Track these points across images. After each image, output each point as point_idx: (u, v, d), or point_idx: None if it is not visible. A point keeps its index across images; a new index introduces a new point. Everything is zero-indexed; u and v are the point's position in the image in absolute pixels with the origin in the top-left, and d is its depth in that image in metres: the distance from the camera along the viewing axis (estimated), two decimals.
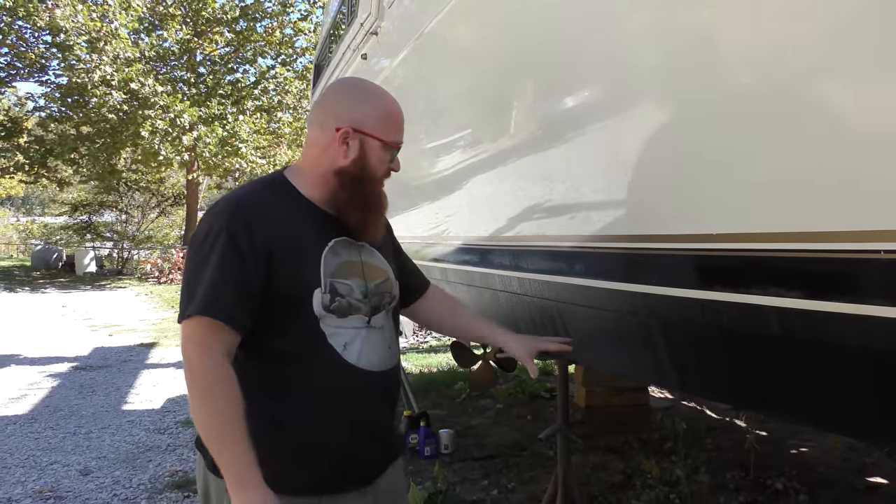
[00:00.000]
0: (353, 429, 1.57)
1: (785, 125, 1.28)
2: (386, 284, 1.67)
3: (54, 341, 9.81)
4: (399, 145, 1.63)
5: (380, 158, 1.60)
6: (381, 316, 1.64)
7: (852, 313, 1.18)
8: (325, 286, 1.53)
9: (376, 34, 3.78)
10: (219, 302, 1.43)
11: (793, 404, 1.48)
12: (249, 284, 1.46)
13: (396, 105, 1.65)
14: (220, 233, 1.46)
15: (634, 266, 1.77)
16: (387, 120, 1.61)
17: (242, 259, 1.45)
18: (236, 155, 17.97)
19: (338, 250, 1.58)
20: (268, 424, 1.50)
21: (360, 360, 1.56)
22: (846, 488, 3.90)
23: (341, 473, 1.56)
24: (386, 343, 1.65)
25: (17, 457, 4.88)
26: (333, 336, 1.53)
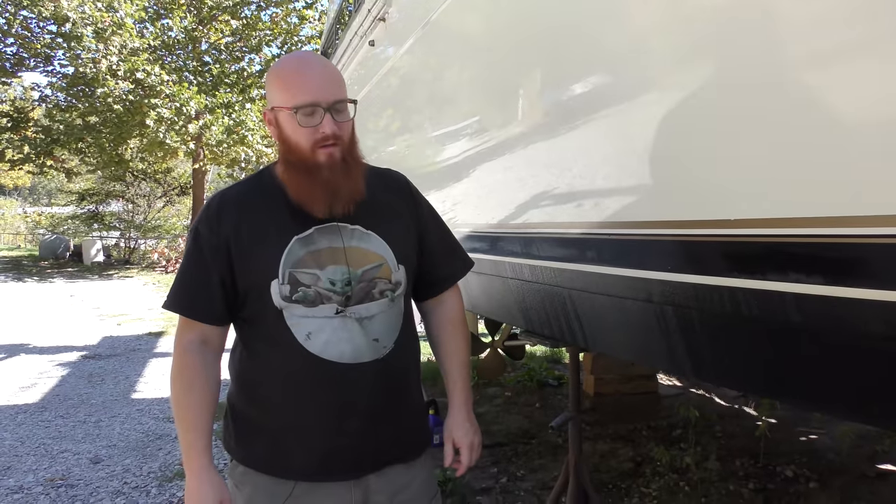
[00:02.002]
0: (324, 419, 1.55)
1: (802, 107, 1.26)
2: (380, 271, 1.57)
3: (63, 330, 9.85)
4: (311, 105, 1.46)
5: (293, 127, 1.48)
6: (373, 305, 1.56)
7: (874, 299, 1.17)
8: (282, 277, 1.51)
9: (384, 20, 3.75)
10: (181, 297, 1.59)
11: (811, 391, 1.47)
12: (209, 278, 1.55)
13: (297, 63, 1.54)
14: (193, 230, 1.59)
15: (649, 252, 1.76)
16: (284, 84, 1.51)
17: (203, 255, 1.55)
18: (242, 143, 17.96)
19: (314, 238, 1.53)
20: (248, 406, 1.62)
21: (326, 351, 1.52)
22: (856, 476, 3.88)
23: (315, 462, 1.56)
24: (369, 335, 1.54)
25: (28, 445, 4.91)
26: (296, 326, 1.52)
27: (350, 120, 1.54)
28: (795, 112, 1.28)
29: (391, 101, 4.23)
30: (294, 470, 1.57)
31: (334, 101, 1.49)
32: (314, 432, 1.56)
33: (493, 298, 3.15)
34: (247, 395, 1.62)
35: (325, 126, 1.47)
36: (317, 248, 1.53)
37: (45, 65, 18.91)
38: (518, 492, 3.86)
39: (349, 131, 1.54)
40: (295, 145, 1.50)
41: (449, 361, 1.80)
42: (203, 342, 1.58)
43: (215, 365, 1.61)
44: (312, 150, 1.49)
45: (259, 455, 1.60)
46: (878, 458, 4.10)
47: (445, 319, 1.80)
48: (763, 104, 1.34)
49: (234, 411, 1.65)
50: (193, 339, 1.58)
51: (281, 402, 1.57)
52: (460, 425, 1.77)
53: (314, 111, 1.47)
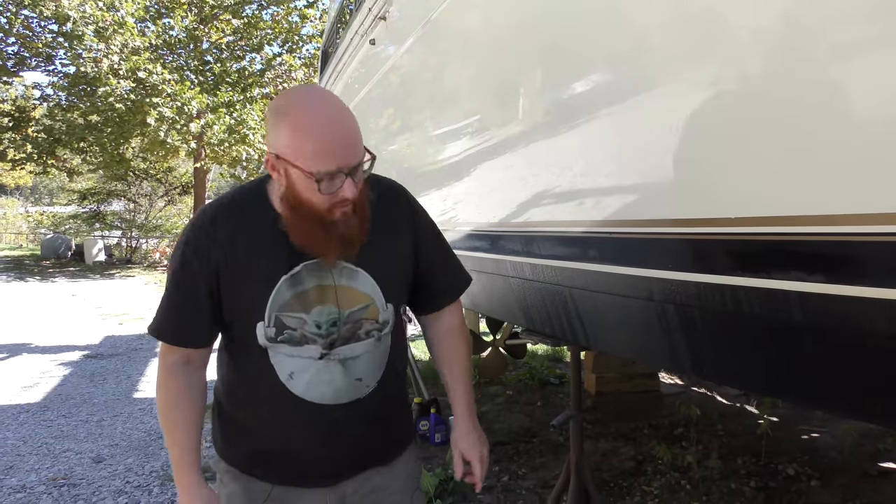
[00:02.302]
0: (301, 444, 1.57)
1: (804, 105, 1.26)
2: (367, 311, 1.53)
3: (65, 330, 9.86)
4: (334, 172, 1.34)
5: (308, 188, 1.35)
6: (359, 346, 1.53)
7: (876, 297, 1.17)
8: (269, 320, 1.47)
9: (385, 19, 3.75)
10: (167, 324, 1.54)
11: (813, 389, 1.47)
12: (196, 306, 1.50)
13: (317, 120, 1.34)
14: (178, 251, 1.51)
15: (650, 251, 1.75)
16: (301, 142, 1.34)
17: (190, 281, 1.49)
18: (244, 142, 17.96)
19: (302, 277, 1.47)
20: (233, 409, 1.63)
21: (308, 393, 1.51)
22: (858, 474, 3.88)
23: (295, 472, 1.60)
24: (352, 375, 1.53)
25: (31, 444, 4.91)
26: (280, 364, 1.51)
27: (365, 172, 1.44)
28: (797, 109, 1.27)
29: (392, 99, 4.23)
30: (273, 475, 1.60)
31: (356, 163, 1.38)
32: (295, 451, 1.59)
33: (494, 297, 3.15)
34: (232, 400, 1.63)
35: (345, 191, 1.37)
36: (304, 289, 1.48)
37: (47, 64, 18.92)
38: (519, 490, 3.87)
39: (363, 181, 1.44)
40: (308, 204, 1.39)
41: (449, 371, 1.76)
42: (187, 362, 1.58)
43: (201, 380, 1.61)
44: (329, 210, 1.39)
45: (241, 456, 1.63)
46: (880, 457, 4.10)
47: (443, 330, 1.76)
48: (765, 102, 1.34)
49: (220, 409, 1.67)
50: (178, 360, 1.57)
51: (264, 422, 1.59)
52: (466, 437, 1.74)
53: (335, 176, 1.35)
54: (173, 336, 1.55)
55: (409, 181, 4.25)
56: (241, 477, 1.62)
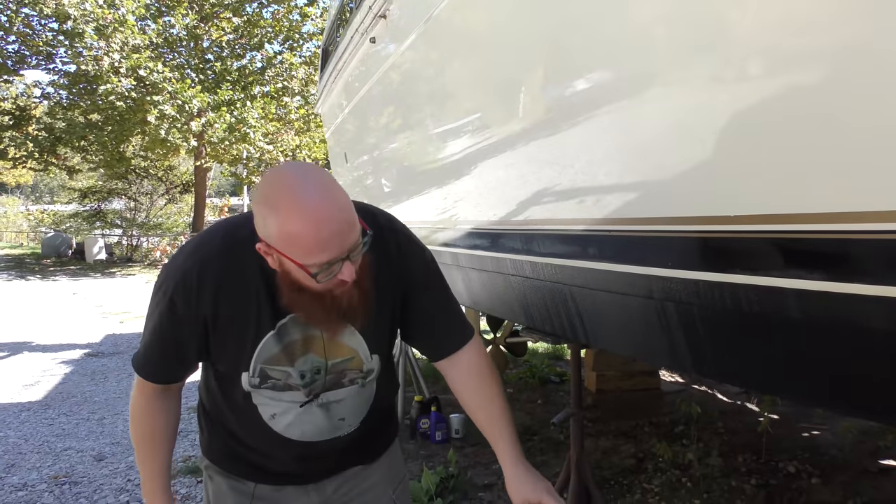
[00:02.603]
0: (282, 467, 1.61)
1: (802, 103, 1.26)
2: (352, 363, 1.51)
3: (66, 328, 9.87)
4: (330, 262, 1.26)
5: (305, 276, 1.28)
6: (342, 391, 1.53)
7: (875, 295, 1.17)
8: (253, 371, 1.46)
9: (385, 17, 3.75)
10: (149, 365, 1.53)
11: (813, 387, 1.47)
12: (181, 350, 1.49)
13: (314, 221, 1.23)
14: (165, 296, 1.42)
15: (650, 249, 1.76)
16: (296, 244, 1.25)
17: (176, 329, 1.44)
18: (244, 141, 17.97)
19: (288, 329, 1.44)
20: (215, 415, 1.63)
21: (289, 432, 1.53)
22: (858, 471, 3.89)
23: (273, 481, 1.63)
24: (335, 416, 1.54)
25: (32, 443, 4.92)
26: (263, 405, 1.52)
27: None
28: (796, 107, 1.28)
29: (392, 98, 4.23)
30: (254, 477, 1.63)
31: (352, 246, 1.29)
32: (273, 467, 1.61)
33: (494, 295, 3.15)
34: (213, 410, 1.64)
35: (344, 274, 1.29)
36: (290, 340, 1.45)
37: (47, 62, 18.93)
38: None
39: None
40: (308, 288, 1.32)
41: (483, 414, 1.60)
42: (166, 389, 1.58)
43: (177, 407, 1.62)
44: (328, 290, 1.32)
45: (222, 459, 1.66)
46: (880, 454, 4.11)
47: (466, 375, 1.61)
48: (763, 100, 1.34)
49: (204, 410, 1.68)
50: (157, 388, 1.56)
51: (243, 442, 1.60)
52: (525, 481, 1.52)
53: (332, 265, 1.27)
54: (158, 377, 1.55)
55: (409, 179, 4.26)
56: (226, 474, 1.65)
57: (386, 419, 1.74)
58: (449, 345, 1.60)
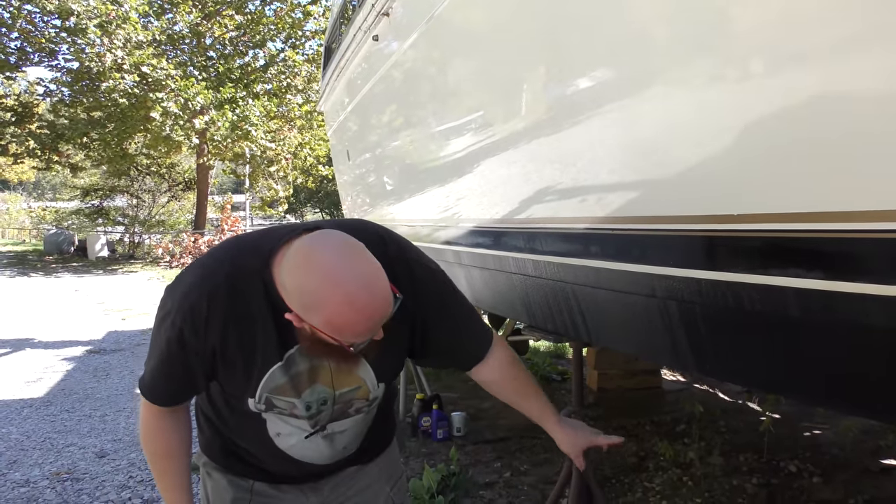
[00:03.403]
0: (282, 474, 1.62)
1: (805, 103, 1.26)
2: (359, 392, 1.51)
3: (68, 325, 9.89)
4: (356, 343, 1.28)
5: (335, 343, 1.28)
6: (347, 422, 1.54)
7: (876, 294, 1.17)
8: (259, 398, 1.46)
9: (388, 15, 3.75)
10: (157, 389, 1.51)
11: (815, 386, 1.47)
12: (189, 375, 1.46)
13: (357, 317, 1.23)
14: (173, 324, 1.40)
15: (652, 247, 1.76)
16: (339, 331, 1.25)
17: (184, 357, 1.42)
18: (246, 138, 17.97)
19: (295, 359, 1.43)
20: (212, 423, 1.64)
21: (292, 451, 1.54)
22: (860, 470, 3.88)
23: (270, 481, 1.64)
24: (337, 445, 1.56)
25: (34, 439, 4.93)
26: (270, 422, 1.51)
27: None
28: (799, 107, 1.28)
29: (395, 96, 4.23)
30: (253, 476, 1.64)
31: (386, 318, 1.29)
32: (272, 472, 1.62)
33: (496, 293, 3.15)
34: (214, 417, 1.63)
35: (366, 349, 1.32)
36: (297, 371, 1.44)
37: (50, 59, 18.93)
38: (521, 486, 3.87)
39: None
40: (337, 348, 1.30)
41: (521, 398, 1.69)
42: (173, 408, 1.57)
43: (187, 420, 1.60)
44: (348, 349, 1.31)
45: (220, 456, 1.66)
46: (881, 453, 4.10)
47: (497, 373, 1.65)
48: (766, 99, 1.34)
49: (203, 414, 1.68)
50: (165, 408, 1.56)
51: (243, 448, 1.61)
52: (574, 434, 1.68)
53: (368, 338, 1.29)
54: (165, 402, 1.54)
55: (411, 177, 4.26)
56: (224, 471, 1.66)
57: (383, 422, 1.72)
58: (475, 357, 1.63)
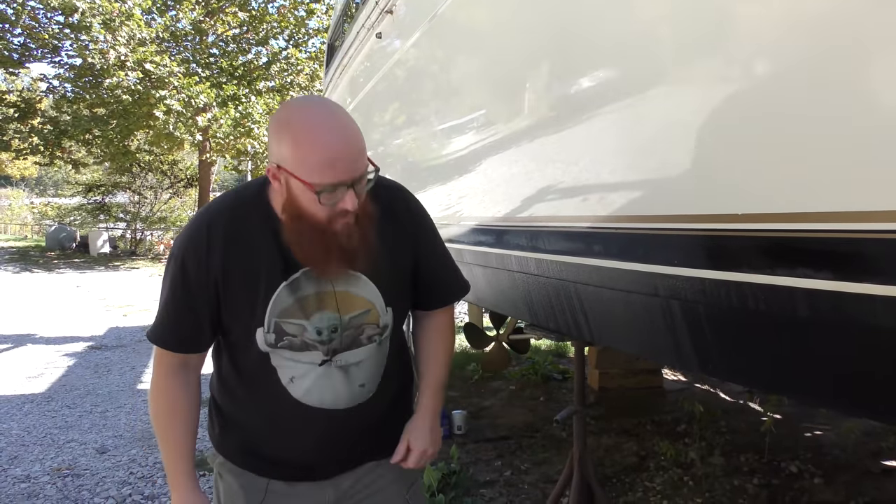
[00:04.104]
0: (298, 448, 1.57)
1: (810, 101, 1.26)
2: (368, 316, 1.52)
3: (69, 321, 9.90)
4: (335, 185, 1.32)
5: (309, 199, 1.33)
6: (361, 351, 1.53)
7: (883, 295, 1.16)
8: (268, 326, 1.46)
9: (391, 12, 3.74)
10: (164, 332, 1.53)
11: (818, 387, 1.47)
12: (195, 313, 1.49)
13: (320, 132, 1.31)
14: (177, 260, 1.47)
15: (656, 246, 1.75)
16: (303, 154, 1.31)
17: (189, 290, 1.47)
18: (248, 136, 17.98)
19: (301, 283, 1.45)
20: (228, 406, 1.62)
21: (307, 398, 1.51)
22: (861, 472, 3.88)
23: (288, 472, 1.60)
24: (354, 381, 1.53)
25: (35, 435, 4.93)
26: (281, 368, 1.50)
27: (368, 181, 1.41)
28: (803, 105, 1.27)
29: (398, 94, 4.23)
30: (269, 472, 1.60)
31: (359, 175, 1.36)
32: (287, 454, 1.59)
33: (498, 292, 3.15)
34: (227, 398, 1.62)
35: (346, 203, 1.34)
36: (304, 294, 1.46)
37: (53, 55, 18.93)
38: (522, 485, 3.87)
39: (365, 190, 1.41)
40: (308, 215, 1.37)
41: (425, 365, 1.74)
42: (184, 364, 1.57)
43: (196, 382, 1.61)
44: (329, 221, 1.37)
45: (236, 452, 1.62)
46: (883, 455, 4.10)
47: (433, 327, 1.75)
48: (771, 98, 1.34)
49: (215, 404, 1.66)
50: (175, 362, 1.56)
51: (259, 424, 1.58)
52: (420, 431, 1.67)
53: (337, 188, 1.33)
54: (174, 345, 1.54)
55: (413, 175, 4.26)
56: (238, 471, 1.62)
57: (404, 396, 1.72)
58: (449, 295, 1.74)
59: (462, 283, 1.76)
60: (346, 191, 1.33)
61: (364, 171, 1.37)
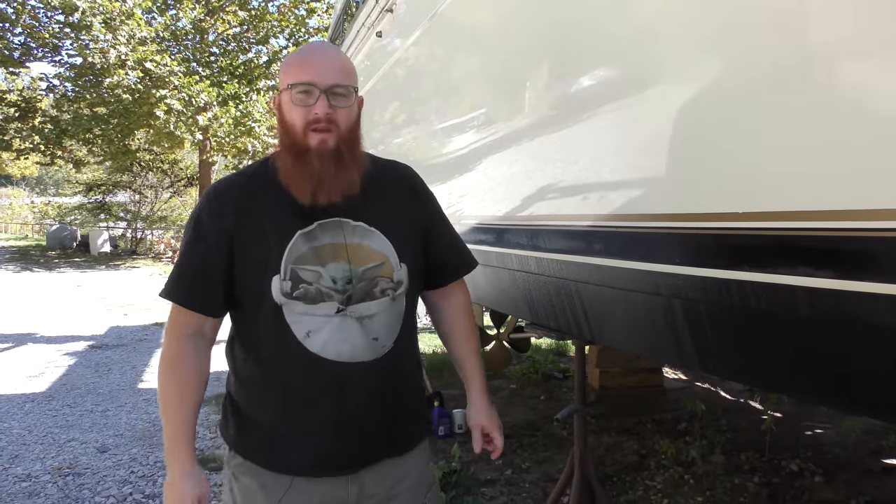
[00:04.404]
0: (319, 419, 1.54)
1: (812, 99, 1.25)
2: (382, 269, 1.55)
3: (70, 320, 9.90)
4: (307, 84, 1.46)
5: (289, 106, 1.49)
6: (374, 304, 1.54)
7: (884, 293, 1.16)
8: (284, 273, 1.48)
9: (391, 11, 3.74)
10: (179, 287, 1.56)
11: (819, 385, 1.47)
12: (209, 267, 1.53)
13: (307, 47, 1.59)
14: (192, 220, 1.57)
15: (656, 245, 1.75)
16: (289, 65, 1.53)
17: (204, 245, 1.53)
18: (249, 135, 17.96)
19: (316, 234, 1.51)
20: (245, 400, 1.61)
21: (325, 350, 1.51)
22: (862, 470, 3.88)
23: (310, 459, 1.56)
24: (369, 334, 1.53)
25: (36, 434, 4.94)
26: (296, 323, 1.51)
27: (349, 108, 1.52)
28: (805, 103, 1.27)
29: (398, 92, 4.23)
30: (290, 466, 1.57)
31: (333, 84, 1.48)
32: (309, 430, 1.55)
33: (499, 291, 3.15)
34: (244, 389, 1.61)
35: (318, 107, 1.46)
36: (319, 244, 1.51)
37: (53, 55, 18.91)
38: (523, 484, 3.87)
39: (347, 121, 1.51)
40: (290, 125, 1.49)
41: (460, 351, 1.80)
42: (197, 332, 1.57)
43: (207, 356, 1.60)
44: (304, 131, 1.47)
45: (255, 448, 1.59)
46: (883, 453, 4.10)
47: (453, 311, 1.80)
48: (772, 96, 1.33)
49: (231, 402, 1.65)
50: (188, 329, 1.56)
51: (276, 400, 1.56)
52: (486, 412, 1.78)
53: (310, 90, 1.47)
54: (185, 297, 1.55)
55: None
56: (258, 471, 1.59)
57: (414, 360, 1.73)
58: (460, 267, 1.79)
59: (471, 258, 1.82)
60: (318, 96, 1.46)
61: (340, 83, 1.49)
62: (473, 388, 1.80)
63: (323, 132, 1.47)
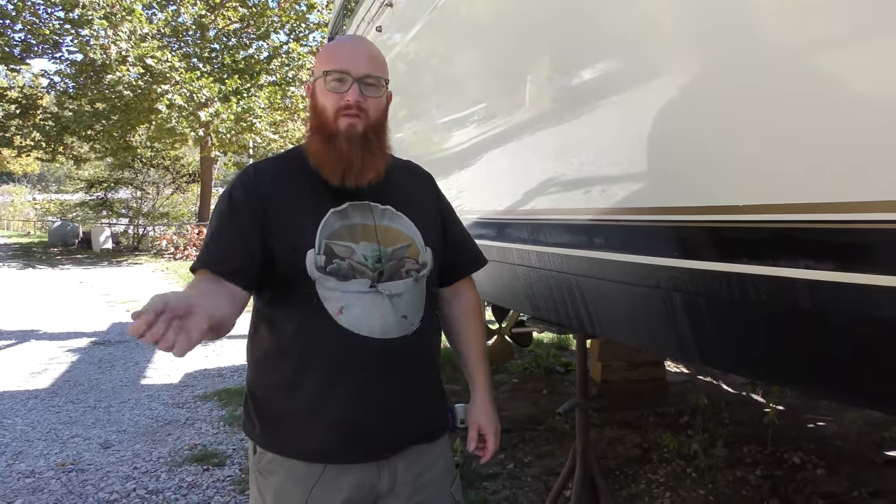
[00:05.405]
0: (352, 396, 1.54)
1: (810, 91, 1.25)
2: (409, 250, 1.61)
3: (72, 317, 9.92)
4: (341, 72, 1.53)
5: (323, 92, 1.56)
6: (401, 283, 1.58)
7: (884, 285, 1.16)
8: (318, 247, 1.52)
9: (391, 6, 3.73)
10: (211, 253, 1.53)
11: (820, 378, 1.47)
12: (243, 236, 1.52)
13: (342, 38, 1.79)
14: (226, 195, 1.60)
15: (657, 238, 1.75)
16: (324, 55, 1.61)
17: (237, 214, 1.55)
18: (250, 130, 17.96)
19: (348, 213, 1.57)
20: (270, 390, 1.61)
21: (357, 326, 1.52)
22: (864, 462, 3.88)
23: (343, 441, 1.56)
24: (398, 312, 1.57)
25: (39, 430, 4.95)
26: (329, 300, 1.52)
27: (379, 98, 1.58)
28: (803, 95, 1.26)
29: (398, 87, 4.20)
30: (321, 453, 1.56)
31: (365, 74, 1.55)
32: (338, 411, 1.54)
33: (500, 285, 3.14)
34: (269, 377, 1.60)
35: (350, 94, 1.52)
36: (351, 223, 1.56)
37: (54, 51, 18.91)
38: (525, 478, 3.88)
39: (376, 110, 1.58)
40: (321, 110, 1.55)
41: (467, 348, 1.83)
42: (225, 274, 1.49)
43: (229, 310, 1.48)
44: (335, 116, 1.53)
45: (285, 439, 1.58)
46: (885, 445, 4.10)
47: (462, 308, 1.83)
48: (771, 88, 1.33)
49: (255, 398, 1.63)
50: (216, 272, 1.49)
51: (305, 380, 1.55)
52: (486, 412, 1.81)
53: (343, 78, 1.53)
54: (219, 263, 1.48)
55: None
56: (289, 462, 1.57)
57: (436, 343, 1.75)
58: (472, 263, 1.85)
59: (481, 254, 1.88)
60: (350, 83, 1.53)
61: (373, 73, 1.56)
62: (478, 387, 1.83)
63: (352, 117, 1.53)
